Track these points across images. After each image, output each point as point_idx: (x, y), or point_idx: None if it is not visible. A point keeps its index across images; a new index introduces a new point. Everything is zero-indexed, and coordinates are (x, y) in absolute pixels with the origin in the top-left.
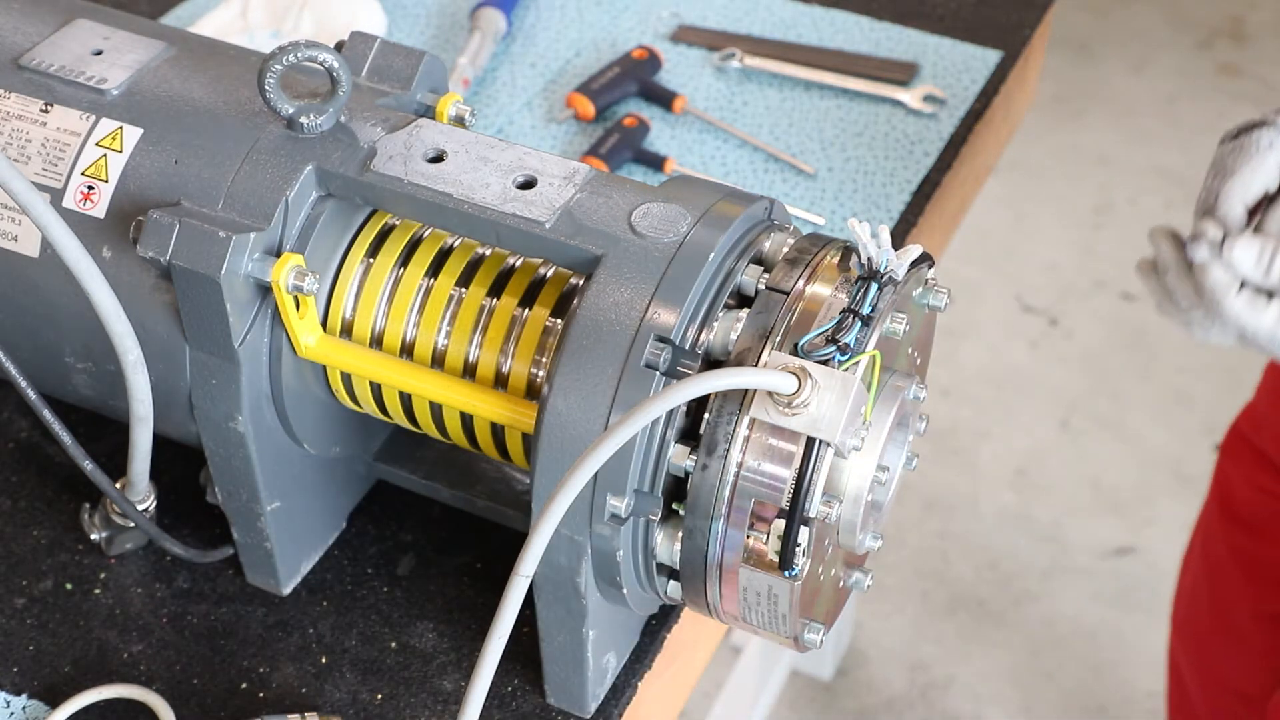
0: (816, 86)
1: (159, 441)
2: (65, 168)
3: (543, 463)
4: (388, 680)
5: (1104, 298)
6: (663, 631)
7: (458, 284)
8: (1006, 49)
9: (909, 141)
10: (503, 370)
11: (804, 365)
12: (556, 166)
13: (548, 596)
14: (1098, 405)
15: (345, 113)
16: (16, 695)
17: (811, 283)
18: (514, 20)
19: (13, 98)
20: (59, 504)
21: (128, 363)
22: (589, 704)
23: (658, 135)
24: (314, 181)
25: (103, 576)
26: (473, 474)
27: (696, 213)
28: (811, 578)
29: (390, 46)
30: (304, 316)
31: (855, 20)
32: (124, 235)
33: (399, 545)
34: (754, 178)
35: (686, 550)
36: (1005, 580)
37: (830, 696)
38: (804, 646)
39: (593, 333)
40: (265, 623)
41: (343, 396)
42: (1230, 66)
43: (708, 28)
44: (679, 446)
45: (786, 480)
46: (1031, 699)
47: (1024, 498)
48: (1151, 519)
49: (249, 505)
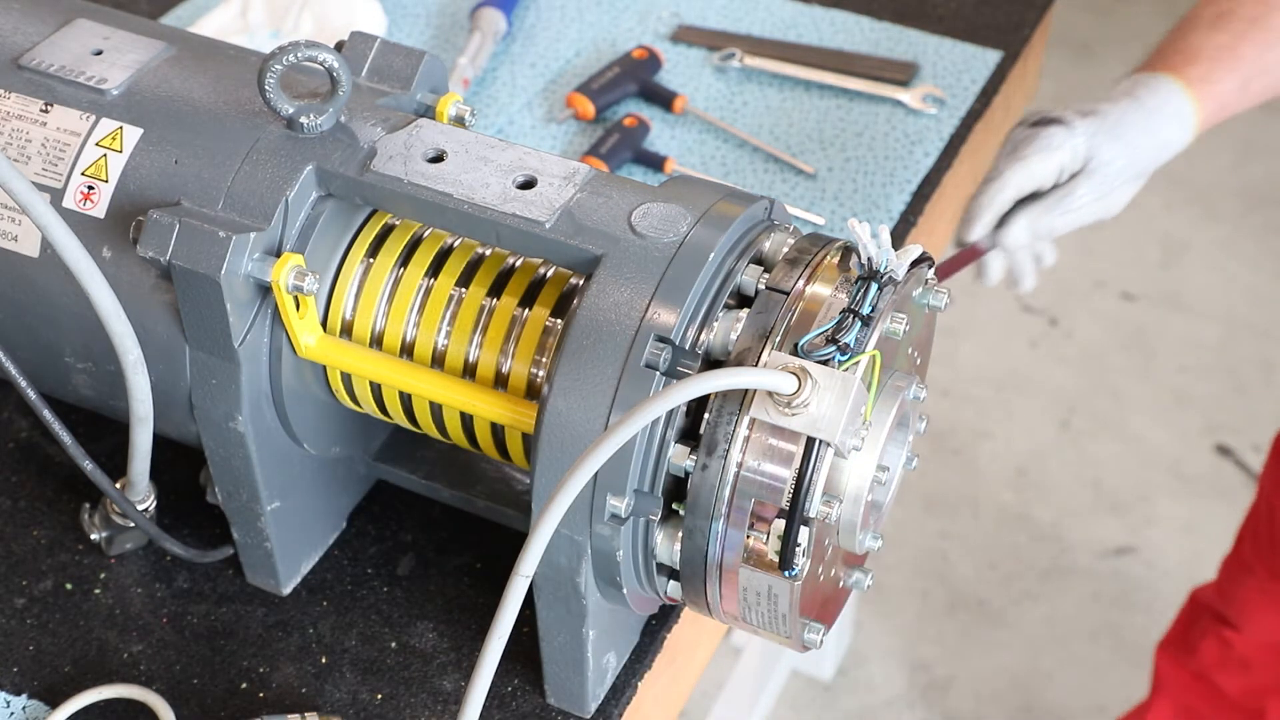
0: (816, 86)
1: (159, 441)
2: (65, 168)
3: (543, 463)
4: (388, 680)
5: (1104, 298)
6: (663, 631)
7: (458, 284)
8: (1006, 49)
9: (909, 141)
10: (503, 370)
11: (804, 365)
12: (556, 166)
13: (548, 596)
14: (1098, 405)
15: (345, 113)
16: (16, 695)
17: (811, 283)
18: (514, 20)
19: (13, 98)
20: (59, 504)
21: (128, 363)
22: (589, 704)
23: (658, 135)
24: (314, 181)
25: (103, 576)
26: (473, 474)
27: (696, 213)
28: (811, 578)
29: (390, 46)
30: (304, 316)
31: (855, 20)
32: (124, 235)
33: (399, 545)
34: (754, 178)
35: (686, 550)
36: (1005, 580)
37: (830, 696)
38: (804, 646)
39: (593, 333)
40: (265, 623)
41: (343, 396)
42: None
43: (708, 28)
44: (679, 446)
45: (786, 480)
46: (1031, 699)
47: (1024, 498)
48: (1151, 519)
49: (249, 505)
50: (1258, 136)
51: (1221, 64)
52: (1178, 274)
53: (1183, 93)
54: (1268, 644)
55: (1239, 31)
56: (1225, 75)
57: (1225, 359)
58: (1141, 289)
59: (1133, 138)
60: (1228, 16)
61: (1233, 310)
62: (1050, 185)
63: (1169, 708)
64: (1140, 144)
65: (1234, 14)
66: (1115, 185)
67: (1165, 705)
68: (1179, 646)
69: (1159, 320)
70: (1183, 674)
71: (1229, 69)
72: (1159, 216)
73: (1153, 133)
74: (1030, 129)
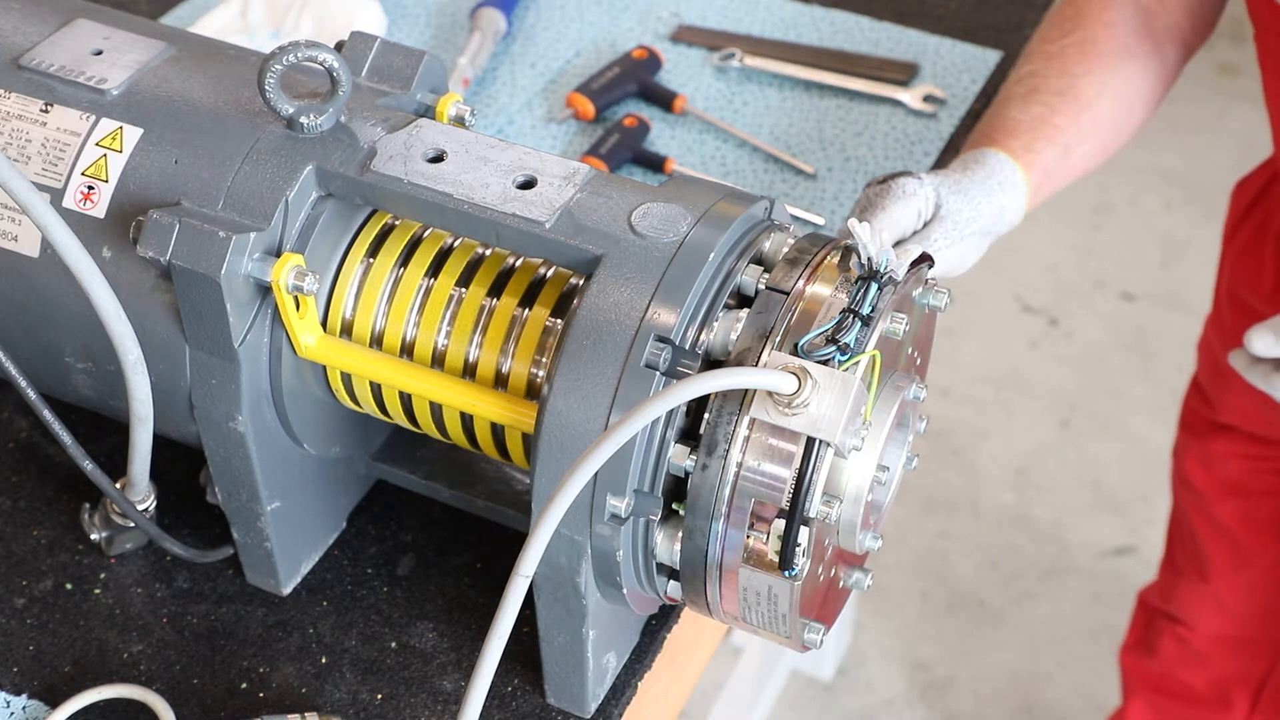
0: (816, 86)
1: (159, 441)
2: (65, 168)
3: (543, 463)
4: (388, 680)
5: (1104, 298)
6: (663, 631)
7: (458, 284)
8: (1006, 49)
9: (909, 141)
10: (503, 370)
11: (804, 365)
12: (556, 166)
13: (548, 596)
14: (1098, 405)
15: (345, 113)
16: (16, 695)
17: (811, 283)
18: (514, 20)
19: (13, 98)
20: (59, 504)
21: (128, 363)
22: (589, 704)
23: (658, 135)
24: (314, 181)
25: (103, 576)
26: (473, 474)
27: (696, 213)
28: (811, 578)
29: (390, 46)
30: (304, 316)
31: (855, 20)
32: (124, 235)
33: (399, 545)
34: (754, 178)
35: (686, 550)
36: (1005, 580)
37: (830, 696)
38: (804, 646)
39: (593, 333)
40: (265, 623)
41: (343, 396)
42: (1230, 66)
43: (708, 28)
44: (679, 446)
45: (786, 480)
46: (1031, 699)
47: (1024, 498)
48: (1151, 519)
49: (249, 505)
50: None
51: (1041, 135)
52: (1178, 274)
53: (1010, 163)
54: (1219, 637)
55: (1049, 104)
56: (1046, 145)
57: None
58: (1141, 289)
59: (975, 195)
60: (1037, 91)
61: None
62: (910, 233)
63: (1144, 708)
64: (981, 202)
65: (1041, 88)
66: (965, 234)
67: (1140, 706)
68: (1140, 649)
69: (1159, 320)
70: (1149, 674)
71: (1048, 139)
72: (1159, 216)
73: (990, 195)
74: (881, 184)
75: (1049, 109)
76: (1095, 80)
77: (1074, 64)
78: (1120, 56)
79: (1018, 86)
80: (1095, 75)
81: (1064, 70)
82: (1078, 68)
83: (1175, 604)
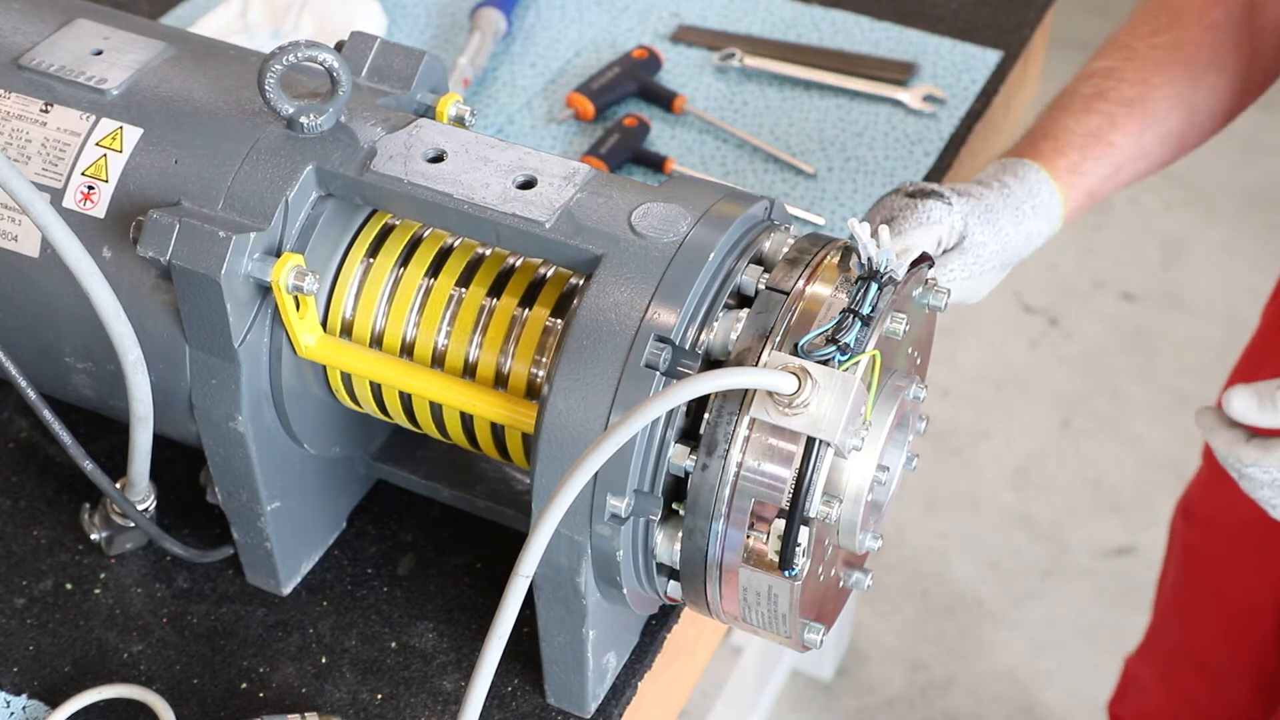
0: (816, 86)
1: (159, 441)
2: (65, 168)
3: (543, 463)
4: (388, 680)
5: (1104, 298)
6: (663, 631)
7: (458, 284)
8: (1006, 49)
9: (909, 141)
10: (503, 370)
11: (804, 365)
12: (556, 166)
13: (548, 596)
14: (1098, 405)
15: (345, 113)
16: (16, 695)
17: (811, 283)
18: (514, 20)
19: (13, 98)
20: (59, 504)
21: (128, 363)
22: (589, 704)
23: (658, 135)
24: (314, 181)
25: (103, 576)
26: (473, 474)
27: (696, 213)
28: (811, 578)
29: (390, 46)
30: (304, 316)
31: (855, 20)
32: (124, 235)
33: (399, 545)
34: (754, 178)
35: (686, 550)
36: (1005, 580)
37: (830, 696)
38: (804, 646)
39: (593, 333)
40: (265, 623)
41: (343, 396)
42: None
43: (708, 28)
44: (679, 446)
45: (786, 480)
46: (1031, 699)
47: (1024, 498)
48: (1151, 519)
49: (249, 505)
50: (1258, 136)
51: (1092, 153)
52: (1178, 274)
53: (1050, 184)
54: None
55: (1112, 115)
56: (1095, 165)
57: (1225, 359)
58: (1141, 289)
59: (1003, 225)
60: (1103, 96)
61: (1233, 310)
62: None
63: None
64: (1010, 232)
65: (1109, 94)
66: (986, 268)
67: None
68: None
69: (1159, 320)
70: None
71: (1099, 158)
72: (1159, 216)
73: (1020, 223)
74: (907, 199)
75: (1109, 121)
76: (1172, 93)
77: (1154, 71)
78: (1208, 67)
79: (1085, 85)
80: (1174, 87)
81: (1142, 77)
82: (1157, 76)
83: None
